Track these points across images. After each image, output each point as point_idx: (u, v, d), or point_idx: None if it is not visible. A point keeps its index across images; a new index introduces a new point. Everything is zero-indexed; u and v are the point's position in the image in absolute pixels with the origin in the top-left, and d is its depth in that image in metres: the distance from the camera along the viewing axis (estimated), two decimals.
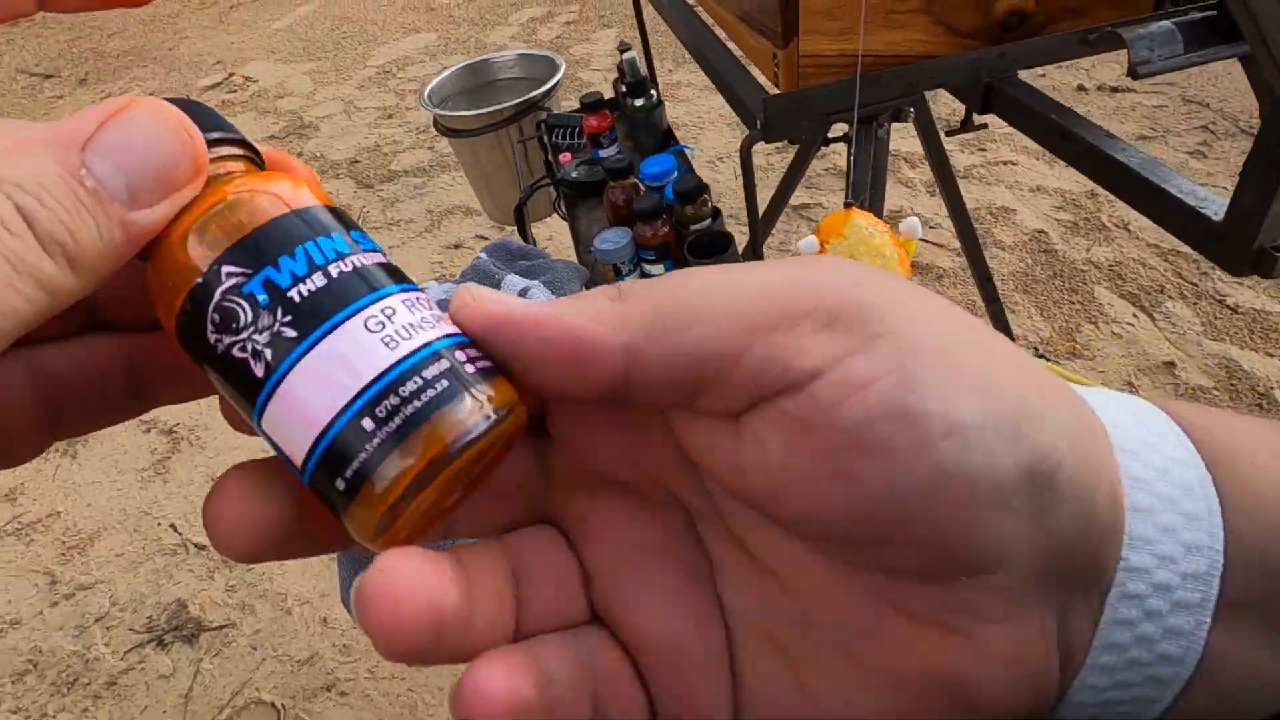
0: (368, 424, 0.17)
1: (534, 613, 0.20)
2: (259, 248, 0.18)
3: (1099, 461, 0.18)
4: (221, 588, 1.68)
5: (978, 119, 1.02)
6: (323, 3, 4.61)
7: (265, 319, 0.17)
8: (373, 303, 0.18)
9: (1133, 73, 0.78)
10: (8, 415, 0.19)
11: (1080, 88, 2.75)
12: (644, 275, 1.06)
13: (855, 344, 0.17)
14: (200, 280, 0.18)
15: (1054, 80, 2.78)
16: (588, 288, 1.12)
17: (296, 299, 0.17)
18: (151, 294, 0.19)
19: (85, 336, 0.21)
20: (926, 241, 2.26)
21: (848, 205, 0.85)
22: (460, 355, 0.18)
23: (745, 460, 0.18)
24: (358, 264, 0.18)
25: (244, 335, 0.18)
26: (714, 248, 0.99)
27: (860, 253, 0.80)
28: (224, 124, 0.20)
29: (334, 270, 0.18)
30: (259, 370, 0.17)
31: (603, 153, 1.27)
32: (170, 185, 0.17)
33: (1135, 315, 1.96)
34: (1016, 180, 2.43)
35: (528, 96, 1.54)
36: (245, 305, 0.18)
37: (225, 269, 0.18)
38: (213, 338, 0.18)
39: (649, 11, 1.40)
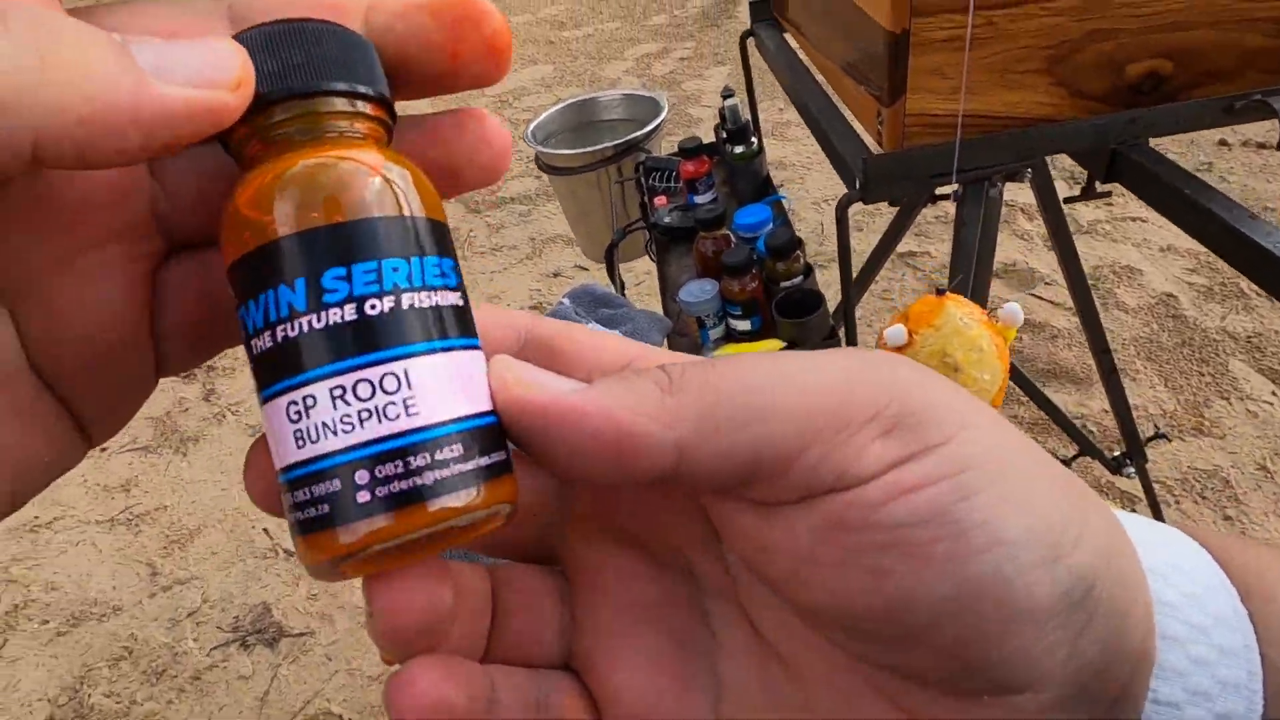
0: (298, 496, 0.17)
1: (500, 644, 0.20)
2: (256, 272, 0.16)
3: (1133, 582, 0.18)
4: (304, 595, 1.74)
5: (1100, 187, 0.95)
6: None
7: (246, 348, 0.17)
8: (302, 384, 0.16)
9: None
10: (187, 318, 0.19)
11: (1222, 142, 2.56)
12: (729, 330, 1.03)
13: (911, 452, 0.17)
14: (225, 273, 0.18)
15: (1193, 133, 2.59)
16: (670, 339, 1.11)
17: (256, 351, 0.17)
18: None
19: None
20: (1041, 299, 2.13)
21: (940, 292, 0.78)
22: (455, 449, 0.17)
23: (774, 542, 0.18)
24: (319, 324, 0.16)
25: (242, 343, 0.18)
26: (803, 307, 0.96)
27: (954, 346, 0.73)
28: (366, 73, 0.17)
29: (280, 333, 0.16)
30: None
31: (698, 198, 1.25)
32: (198, 78, 0.15)
33: (1275, 393, 1.79)
34: (1145, 238, 2.27)
35: (628, 138, 1.54)
36: (241, 325, 0.17)
37: (231, 284, 0.17)
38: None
39: (757, 54, 1.39)
